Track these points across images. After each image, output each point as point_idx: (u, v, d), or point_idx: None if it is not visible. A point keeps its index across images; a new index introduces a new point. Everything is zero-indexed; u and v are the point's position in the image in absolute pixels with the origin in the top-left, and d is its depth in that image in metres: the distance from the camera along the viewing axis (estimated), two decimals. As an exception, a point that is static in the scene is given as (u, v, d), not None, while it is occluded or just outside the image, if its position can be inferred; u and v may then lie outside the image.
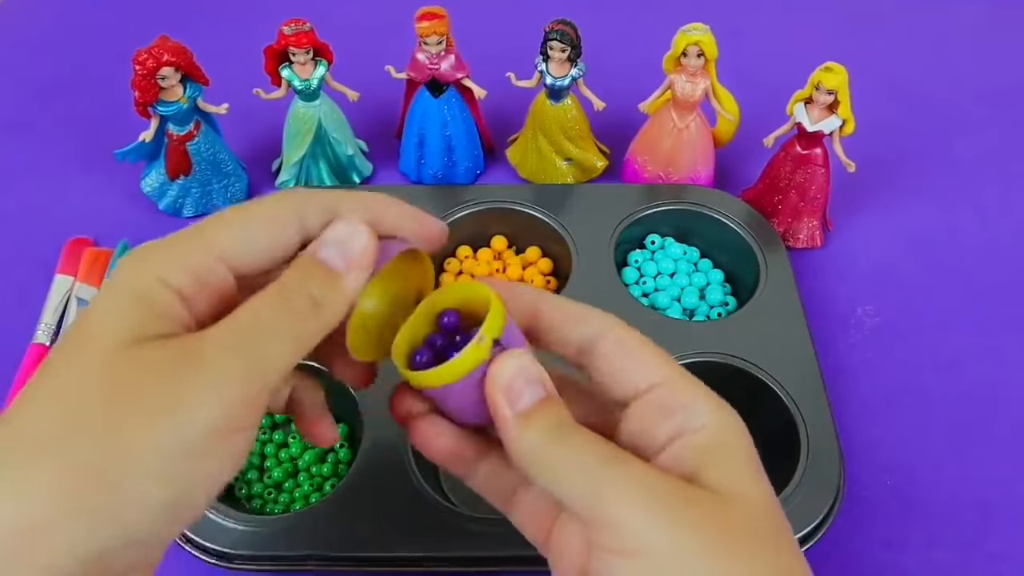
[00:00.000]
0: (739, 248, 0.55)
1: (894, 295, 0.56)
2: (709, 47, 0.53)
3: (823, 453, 0.44)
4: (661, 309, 0.53)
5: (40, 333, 0.52)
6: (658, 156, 0.58)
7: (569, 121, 0.58)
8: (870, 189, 0.61)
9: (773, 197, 0.57)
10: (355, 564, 0.41)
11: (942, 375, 0.52)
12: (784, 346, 0.49)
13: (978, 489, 0.47)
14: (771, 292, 0.51)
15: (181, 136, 0.56)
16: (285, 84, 0.56)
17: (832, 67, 0.51)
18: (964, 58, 0.73)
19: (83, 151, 0.64)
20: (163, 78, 0.52)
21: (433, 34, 0.54)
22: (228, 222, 0.25)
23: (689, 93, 0.55)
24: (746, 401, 0.48)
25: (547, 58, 0.55)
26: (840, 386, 0.50)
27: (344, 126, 0.59)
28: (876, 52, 0.73)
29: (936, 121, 0.68)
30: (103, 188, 0.61)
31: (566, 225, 0.55)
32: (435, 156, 0.60)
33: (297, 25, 0.54)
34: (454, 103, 0.58)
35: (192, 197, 0.59)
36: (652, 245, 0.56)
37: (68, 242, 0.57)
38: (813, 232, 0.57)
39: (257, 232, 0.25)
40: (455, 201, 0.56)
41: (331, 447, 0.48)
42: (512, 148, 0.63)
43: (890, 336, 0.53)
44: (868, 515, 0.46)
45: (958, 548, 0.45)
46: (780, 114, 0.54)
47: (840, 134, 0.53)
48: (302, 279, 0.24)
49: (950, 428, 0.49)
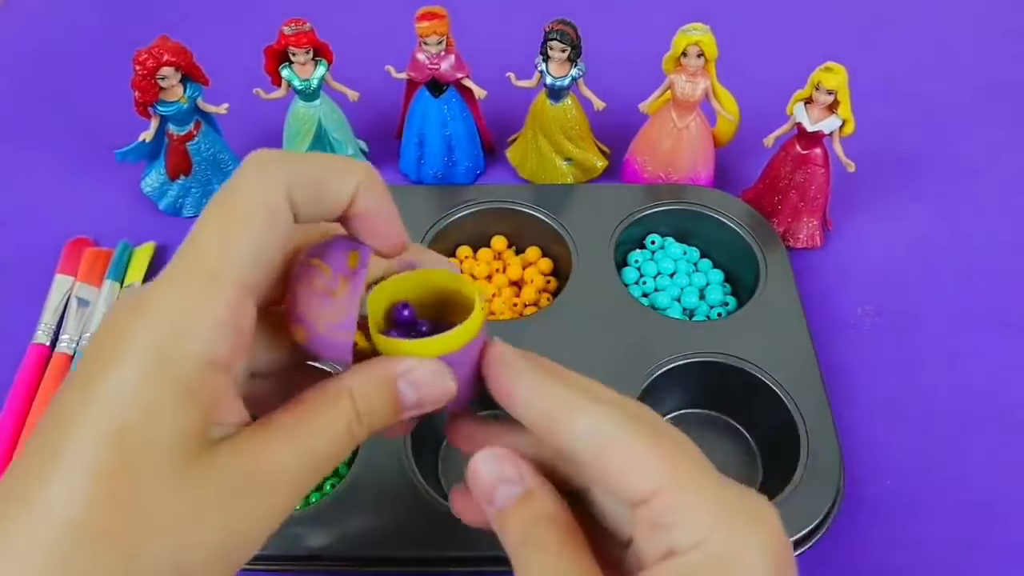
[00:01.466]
0: (739, 248, 0.55)
1: (894, 295, 0.56)
2: (709, 47, 0.53)
3: (823, 453, 0.44)
4: (661, 309, 0.53)
5: (40, 333, 0.52)
6: (658, 156, 0.58)
7: (569, 121, 0.58)
8: (870, 189, 0.61)
9: (773, 197, 0.57)
10: (355, 564, 0.41)
11: (942, 375, 0.52)
12: (784, 346, 0.49)
13: (978, 489, 0.47)
14: (771, 292, 0.51)
15: (181, 136, 0.56)
16: (285, 84, 0.56)
17: (832, 67, 0.51)
18: (964, 58, 0.73)
19: (83, 151, 0.64)
20: (163, 78, 0.52)
21: (433, 34, 0.54)
22: (227, 239, 0.22)
23: (689, 93, 0.55)
24: (746, 401, 0.48)
25: (547, 58, 0.55)
26: (840, 386, 0.50)
27: (344, 126, 0.59)
28: (876, 52, 0.72)
29: (936, 121, 0.68)
30: (103, 188, 0.61)
31: (566, 225, 0.55)
32: (435, 156, 0.60)
33: (297, 25, 0.54)
34: (454, 103, 0.58)
35: (192, 197, 0.59)
36: (652, 245, 0.56)
37: (68, 242, 0.57)
38: (813, 232, 0.57)
39: (260, 242, 0.22)
40: (455, 201, 0.56)
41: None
42: (512, 148, 0.63)
43: (890, 336, 0.53)
44: (868, 515, 0.46)
45: (958, 548, 0.45)
46: (780, 114, 0.54)
47: (840, 134, 0.53)
48: (373, 397, 0.24)
49: (950, 428, 0.49)
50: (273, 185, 0.22)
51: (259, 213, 0.22)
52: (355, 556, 0.41)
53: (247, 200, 0.22)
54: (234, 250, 0.22)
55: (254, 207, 0.22)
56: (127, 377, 0.20)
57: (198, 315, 0.21)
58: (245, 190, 0.22)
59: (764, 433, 0.48)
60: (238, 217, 0.22)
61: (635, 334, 0.49)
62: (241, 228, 0.22)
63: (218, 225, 0.22)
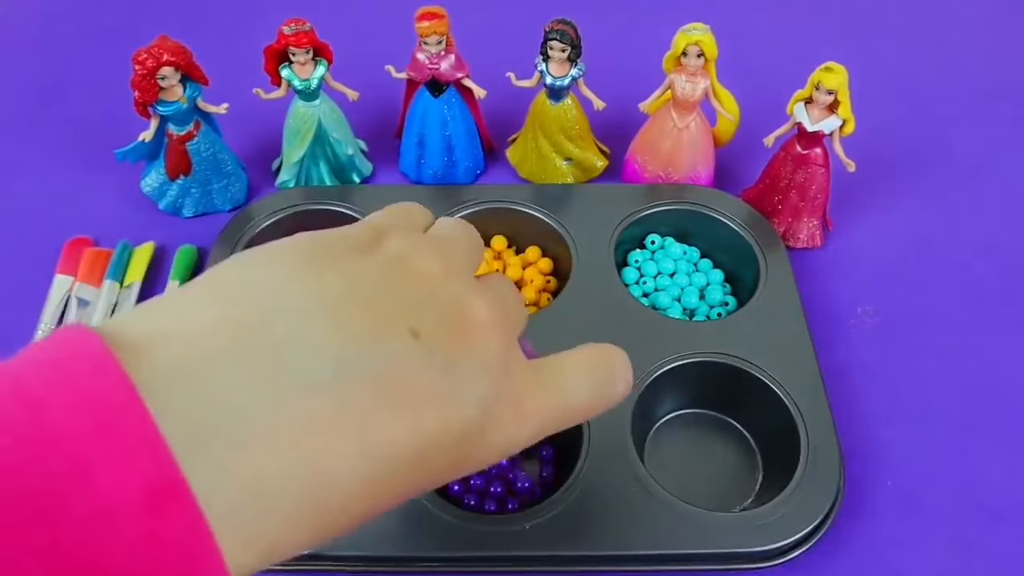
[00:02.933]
0: (739, 248, 0.55)
1: (894, 295, 0.56)
2: (709, 47, 0.53)
3: (823, 453, 0.44)
4: (661, 309, 0.53)
5: (40, 333, 0.52)
6: (658, 156, 0.58)
7: (569, 121, 0.58)
8: (870, 189, 0.61)
9: (773, 197, 0.57)
10: (355, 564, 0.41)
11: (942, 375, 0.52)
12: (784, 346, 0.49)
13: (978, 490, 0.47)
14: (771, 292, 0.51)
15: (181, 136, 0.56)
16: (285, 84, 0.56)
17: (832, 67, 0.51)
18: (964, 58, 0.73)
19: (83, 151, 0.64)
20: (163, 78, 0.52)
21: (433, 34, 0.54)
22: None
23: (689, 93, 0.55)
24: (746, 401, 0.48)
25: (547, 58, 0.55)
26: (840, 386, 0.50)
27: (344, 126, 0.59)
28: (876, 52, 0.73)
29: (936, 121, 0.68)
30: (103, 188, 0.61)
31: (566, 225, 0.55)
32: (435, 156, 0.60)
33: (297, 25, 0.54)
34: (454, 103, 0.58)
35: (192, 197, 0.59)
36: (652, 245, 0.56)
37: (68, 242, 0.57)
38: (813, 232, 0.57)
39: None
40: (455, 201, 0.56)
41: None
42: (512, 148, 0.63)
43: (890, 336, 0.53)
44: (868, 515, 0.46)
45: (959, 549, 0.45)
46: (780, 114, 0.54)
47: (840, 134, 0.53)
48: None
49: (950, 428, 0.49)
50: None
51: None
52: (355, 556, 0.41)
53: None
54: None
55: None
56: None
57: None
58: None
59: (764, 433, 0.48)
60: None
61: (635, 334, 0.49)
62: None
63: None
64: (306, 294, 0.22)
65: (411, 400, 0.22)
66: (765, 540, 0.41)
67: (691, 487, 0.44)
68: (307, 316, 0.22)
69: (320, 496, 0.21)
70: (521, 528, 0.41)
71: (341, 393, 0.21)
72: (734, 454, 0.48)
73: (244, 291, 0.22)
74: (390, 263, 0.25)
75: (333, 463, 0.21)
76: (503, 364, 0.25)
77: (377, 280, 0.24)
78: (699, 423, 0.49)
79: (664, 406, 0.49)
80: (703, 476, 0.46)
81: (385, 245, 0.26)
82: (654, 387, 0.47)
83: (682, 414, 0.49)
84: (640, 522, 0.42)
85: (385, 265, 0.25)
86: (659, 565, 0.42)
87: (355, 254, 0.25)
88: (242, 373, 0.20)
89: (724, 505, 0.45)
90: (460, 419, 0.23)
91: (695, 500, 0.42)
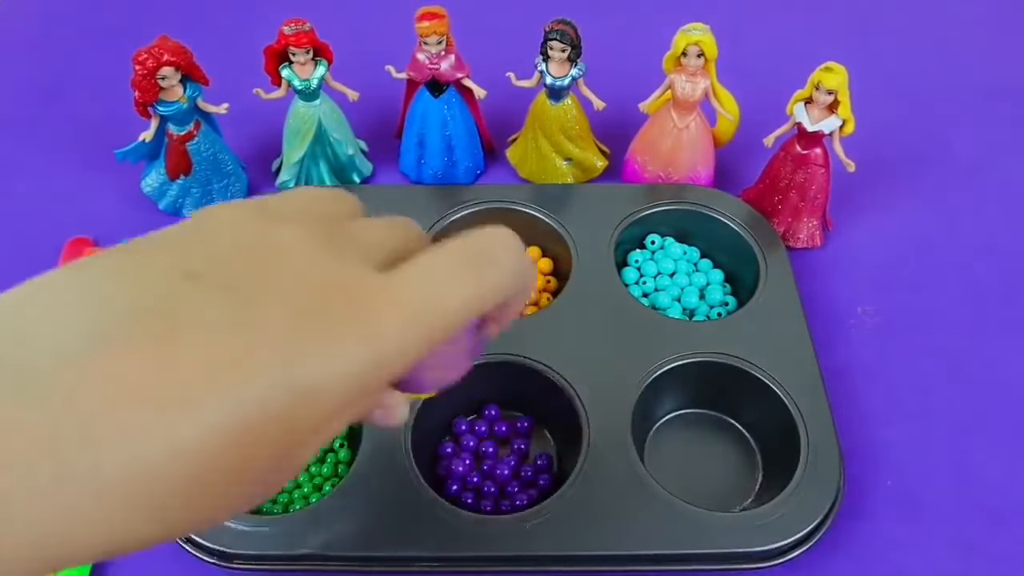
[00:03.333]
0: (739, 248, 0.55)
1: (894, 295, 0.56)
2: (709, 47, 0.53)
3: (823, 453, 0.44)
4: (661, 309, 0.53)
5: (40, 333, 0.52)
6: (658, 156, 0.58)
7: (569, 121, 0.58)
8: (870, 189, 0.61)
9: (773, 197, 0.57)
10: (355, 564, 0.41)
11: (942, 375, 0.52)
12: (784, 346, 0.49)
13: (978, 490, 0.47)
14: (771, 292, 0.51)
15: (181, 136, 0.56)
16: (285, 84, 0.56)
17: (832, 67, 0.51)
18: (964, 58, 0.73)
19: (83, 151, 0.64)
20: (163, 78, 0.52)
21: (433, 34, 0.54)
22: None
23: (689, 93, 0.55)
24: (746, 401, 0.48)
25: (547, 58, 0.55)
26: (840, 386, 0.50)
27: (344, 126, 0.59)
28: (876, 52, 0.73)
29: (936, 121, 0.68)
30: (103, 188, 0.61)
31: (566, 225, 0.55)
32: (435, 156, 0.60)
33: (297, 25, 0.54)
34: (454, 103, 0.58)
35: (192, 197, 0.59)
36: (652, 245, 0.56)
37: (68, 242, 0.57)
38: (813, 232, 0.57)
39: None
40: (455, 201, 0.56)
41: (330, 447, 0.47)
42: (512, 148, 0.63)
43: (890, 336, 0.53)
44: (868, 516, 0.46)
45: (959, 549, 0.45)
46: (780, 114, 0.54)
47: (840, 134, 0.53)
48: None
49: (950, 428, 0.49)
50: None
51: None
52: (355, 556, 0.41)
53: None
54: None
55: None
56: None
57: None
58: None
59: (764, 433, 0.48)
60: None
61: (635, 334, 0.49)
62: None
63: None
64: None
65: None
66: (765, 540, 0.41)
67: (691, 487, 0.44)
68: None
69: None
70: (521, 528, 0.41)
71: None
72: (734, 454, 0.48)
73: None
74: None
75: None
76: (318, 284, 0.22)
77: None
78: (699, 423, 0.49)
79: (664, 406, 0.49)
80: (703, 476, 0.46)
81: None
82: (654, 387, 0.47)
83: (682, 414, 0.49)
84: (640, 522, 0.42)
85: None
86: (659, 565, 0.42)
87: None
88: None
89: (724, 505, 0.45)
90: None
91: (695, 500, 0.42)
